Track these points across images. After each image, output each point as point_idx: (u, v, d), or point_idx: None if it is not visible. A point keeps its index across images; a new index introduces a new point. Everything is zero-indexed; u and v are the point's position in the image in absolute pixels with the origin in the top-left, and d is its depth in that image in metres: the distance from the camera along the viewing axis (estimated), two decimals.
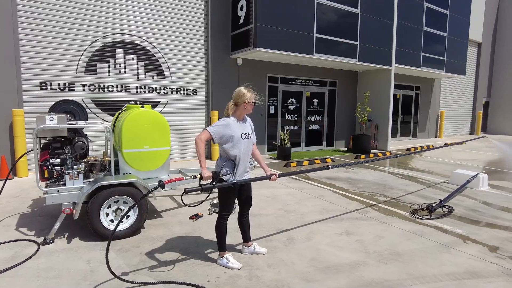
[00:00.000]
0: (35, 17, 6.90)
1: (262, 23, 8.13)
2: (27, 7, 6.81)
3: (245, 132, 3.28)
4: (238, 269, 3.30)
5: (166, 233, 4.21)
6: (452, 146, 13.76)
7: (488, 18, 18.47)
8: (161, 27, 8.34)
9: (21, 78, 6.80)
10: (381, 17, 10.76)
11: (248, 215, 3.63)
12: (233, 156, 3.19)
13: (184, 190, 2.99)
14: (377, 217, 4.97)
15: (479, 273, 3.36)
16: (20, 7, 6.75)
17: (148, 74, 8.27)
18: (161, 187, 2.82)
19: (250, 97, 3.23)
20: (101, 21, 7.55)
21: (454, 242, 4.12)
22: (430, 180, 7.52)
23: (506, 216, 5.15)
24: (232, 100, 3.27)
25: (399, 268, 3.42)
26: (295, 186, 6.70)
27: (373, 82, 11.88)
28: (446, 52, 13.49)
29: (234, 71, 9.41)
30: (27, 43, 6.86)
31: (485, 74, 19.07)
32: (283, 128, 10.62)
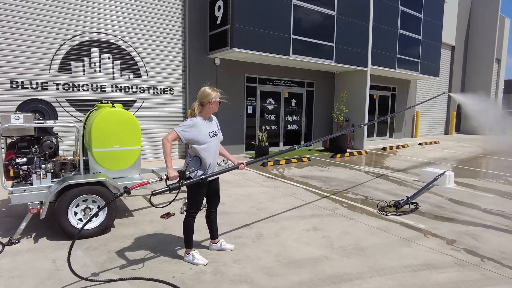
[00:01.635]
0: (6, 14, 6.76)
1: (238, 23, 8.22)
2: None
3: (212, 130, 3.36)
4: (204, 265, 3.38)
5: (136, 232, 4.24)
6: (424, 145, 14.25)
7: (460, 22, 19.15)
8: (138, 26, 8.30)
9: None
10: (357, 19, 11.03)
11: (216, 212, 3.71)
12: (202, 154, 3.27)
13: (152, 193, 3.05)
14: (345, 213, 5.14)
15: (435, 265, 3.54)
16: None
17: (124, 73, 8.22)
18: (127, 193, 2.87)
19: (215, 96, 3.31)
20: (76, 19, 7.45)
21: (416, 236, 4.31)
22: (401, 178, 7.78)
23: (467, 211, 5.40)
24: (197, 100, 3.34)
25: (361, 262, 3.57)
26: (270, 184, 6.81)
27: (350, 83, 12.16)
28: (421, 54, 13.93)
29: (212, 71, 9.46)
30: None
31: (458, 76, 19.77)
32: (261, 128, 10.73)
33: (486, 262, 3.64)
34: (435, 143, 15.15)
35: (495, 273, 3.40)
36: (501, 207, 5.68)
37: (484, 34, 19.59)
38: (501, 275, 3.35)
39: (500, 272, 3.41)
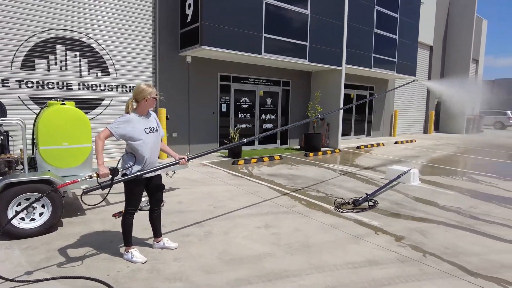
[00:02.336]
0: None
1: (208, 21, 8.17)
2: None
3: (149, 126, 3.33)
4: (142, 263, 3.35)
5: (84, 230, 4.18)
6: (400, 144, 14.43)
7: (438, 23, 19.47)
8: (106, 23, 8.19)
9: None
10: (332, 19, 11.09)
11: (159, 210, 3.68)
12: (137, 151, 3.23)
13: (83, 191, 3.00)
14: (302, 211, 5.16)
15: (377, 261, 3.58)
16: None
17: (92, 71, 8.10)
18: (54, 192, 2.82)
19: (150, 92, 3.27)
20: (40, 16, 7.30)
21: (367, 233, 4.35)
22: (368, 176, 7.86)
23: (425, 208, 5.48)
24: (132, 97, 3.30)
25: (304, 259, 3.58)
26: (235, 183, 6.80)
27: (325, 82, 12.23)
28: (397, 54, 14.10)
29: (184, 69, 9.40)
30: None
31: (437, 75, 20.09)
32: (236, 127, 10.71)
33: (427, 257, 3.70)
34: (411, 141, 15.37)
35: (433, 268, 3.46)
36: (458, 203, 5.79)
37: (461, 34, 19.95)
38: (438, 270, 3.41)
39: (438, 267, 3.47)
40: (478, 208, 5.55)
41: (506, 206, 5.69)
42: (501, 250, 3.95)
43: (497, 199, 6.16)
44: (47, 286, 2.93)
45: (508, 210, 5.47)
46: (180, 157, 3.57)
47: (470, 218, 5.08)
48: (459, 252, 3.85)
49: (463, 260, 3.66)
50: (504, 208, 5.58)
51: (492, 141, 17.16)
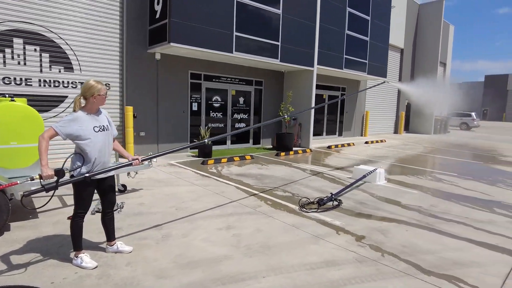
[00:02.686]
0: None
1: (177, 18, 7.99)
2: None
3: (99, 125, 3.17)
4: (92, 268, 3.19)
5: (33, 234, 3.95)
6: (370, 144, 14.75)
7: (409, 27, 20.07)
8: (69, 17, 7.82)
9: None
10: (304, 19, 11.15)
11: (112, 213, 3.53)
12: (86, 150, 3.07)
13: (23, 193, 2.82)
14: (266, 211, 5.12)
15: (335, 262, 3.58)
16: None
17: (53, 67, 7.72)
18: None
19: (99, 90, 3.12)
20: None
21: (328, 233, 4.36)
22: (336, 175, 7.94)
23: (388, 207, 5.58)
24: (80, 94, 3.14)
25: (262, 260, 3.53)
26: (202, 183, 6.68)
27: (297, 82, 12.29)
28: (368, 55, 14.38)
29: (153, 66, 9.15)
30: None
31: (407, 77, 20.70)
32: (207, 126, 10.57)
33: (385, 257, 3.74)
34: (381, 141, 15.75)
35: (390, 267, 3.49)
36: (420, 202, 5.93)
37: (430, 38, 20.69)
38: (394, 269, 3.45)
39: (394, 267, 3.51)
40: (438, 207, 5.71)
41: (464, 204, 5.89)
42: (455, 247, 4.07)
43: (457, 197, 6.37)
44: None
45: (465, 208, 5.67)
46: (133, 157, 3.43)
47: (430, 216, 5.21)
48: (416, 251, 3.92)
49: (419, 258, 3.74)
50: (462, 206, 5.78)
51: (457, 141, 17.87)
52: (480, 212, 5.53)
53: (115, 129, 3.42)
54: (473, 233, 4.55)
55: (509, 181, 8.00)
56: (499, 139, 19.84)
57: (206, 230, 4.27)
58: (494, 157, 12.21)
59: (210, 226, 4.41)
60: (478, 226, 4.84)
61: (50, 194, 2.92)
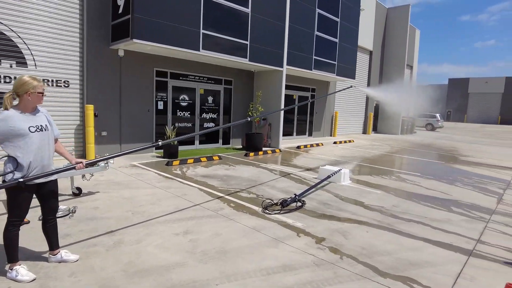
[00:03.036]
0: None
1: (140, 14, 7.68)
2: None
3: (36, 124, 2.91)
4: (29, 281, 2.93)
5: None
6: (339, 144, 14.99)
7: (377, 29, 20.61)
8: (23, 9, 7.31)
9: None
10: (273, 19, 11.11)
11: (55, 219, 3.28)
12: (18, 153, 2.81)
13: None
14: (228, 214, 4.99)
15: (292, 266, 3.50)
16: None
17: (4, 61, 7.20)
18: None
19: (35, 87, 2.87)
20: None
21: (288, 236, 4.29)
22: (302, 176, 7.94)
23: (350, 208, 5.60)
24: (11, 91, 2.88)
25: (217, 267, 3.40)
26: (164, 185, 6.45)
27: (267, 82, 12.25)
28: (337, 57, 14.59)
29: (115, 62, 8.77)
30: None
31: (376, 79, 21.27)
32: (174, 125, 10.29)
33: (344, 260, 3.71)
34: (349, 141, 16.05)
35: (347, 270, 3.46)
36: (382, 203, 6.01)
37: (397, 42, 21.37)
38: (351, 273, 3.42)
39: (352, 270, 3.48)
40: (399, 207, 5.81)
41: (424, 204, 6.03)
42: (411, 247, 4.12)
43: (418, 197, 6.52)
44: None
45: (425, 208, 5.80)
46: (76, 161, 3.19)
47: (390, 217, 5.27)
48: (373, 252, 3.93)
49: (376, 260, 3.74)
50: (422, 206, 5.91)
51: (422, 141, 18.53)
52: (439, 211, 5.68)
53: (56, 129, 3.17)
54: (430, 233, 4.64)
55: (466, 180, 8.32)
56: (460, 139, 20.79)
57: (161, 236, 4.08)
58: (455, 156, 12.73)
59: (167, 231, 4.22)
60: (435, 226, 4.95)
61: None
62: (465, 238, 4.52)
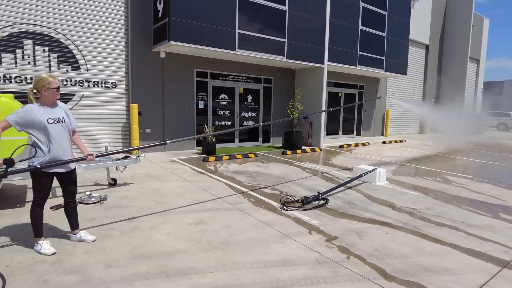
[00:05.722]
0: None
1: (176, 17, 8.12)
2: None
3: (54, 117, 3.28)
4: (49, 254, 3.32)
5: (12, 222, 4.18)
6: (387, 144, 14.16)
7: (435, 21, 19.01)
8: (76, 18, 8.22)
9: None
10: (312, 15, 10.91)
11: (74, 202, 3.65)
12: (40, 142, 3.21)
13: None
14: (245, 208, 5.06)
15: (292, 262, 3.46)
16: None
17: (62, 66, 8.15)
18: None
19: (49, 83, 3.23)
20: (5, 9, 7.35)
21: (299, 232, 4.23)
22: (335, 175, 7.71)
23: (377, 209, 5.32)
24: (32, 86, 3.27)
25: (216, 256, 3.49)
26: (193, 179, 6.74)
27: (308, 79, 12.06)
28: (386, 52, 13.81)
29: (158, 64, 9.38)
30: None
31: (433, 75, 19.66)
32: (213, 124, 10.66)
33: (350, 260, 3.56)
34: (400, 141, 15.07)
35: (349, 270, 3.32)
36: (415, 204, 5.60)
37: (459, 33, 19.47)
38: (353, 273, 3.27)
39: (355, 270, 3.33)
40: (433, 210, 5.37)
41: (466, 208, 5.49)
42: (432, 252, 3.79)
43: (460, 200, 5.95)
44: None
45: (465, 212, 5.27)
46: (88, 153, 3.52)
47: (420, 219, 4.90)
48: (386, 254, 3.71)
49: (386, 262, 3.52)
50: (462, 210, 5.38)
51: (487, 142, 16.70)
52: (481, 217, 5.12)
53: (74, 122, 3.53)
54: (462, 239, 4.22)
55: None
56: None
57: (174, 225, 4.30)
58: None
59: (181, 221, 4.44)
60: (471, 232, 4.48)
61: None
62: (504, 248, 4.01)
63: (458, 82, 19.70)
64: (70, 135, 3.47)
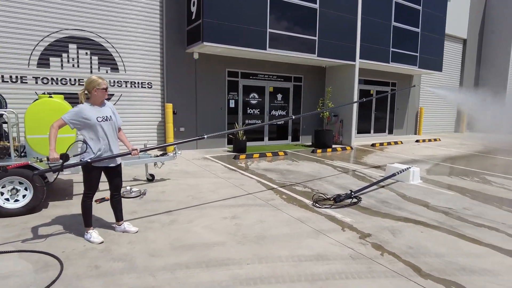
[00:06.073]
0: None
1: (209, 18, 8.36)
2: None
3: (103, 115, 3.54)
4: (98, 243, 3.60)
5: (63, 213, 4.54)
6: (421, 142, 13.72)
7: (474, 14, 18.12)
8: (115, 23, 8.66)
9: None
10: (343, 12, 10.80)
11: (119, 195, 3.91)
12: (91, 139, 3.48)
13: (34, 173, 3.30)
14: (277, 204, 5.17)
15: (326, 256, 3.52)
16: None
17: (102, 68, 8.62)
18: (4, 171, 3.11)
19: (99, 84, 3.49)
20: (53, 17, 7.91)
21: (332, 229, 4.28)
22: (367, 173, 7.63)
23: (411, 207, 5.25)
24: (83, 88, 3.55)
25: (252, 249, 3.63)
26: (226, 176, 6.93)
27: (339, 77, 11.96)
28: (419, 48, 13.39)
29: (191, 65, 9.68)
30: None
31: (471, 71, 18.76)
32: (244, 123, 10.84)
33: (384, 256, 3.58)
34: (434, 140, 14.55)
35: (384, 267, 3.34)
36: (451, 204, 5.47)
37: (500, 25, 18.40)
38: (388, 269, 3.30)
39: (390, 267, 3.35)
40: (471, 210, 5.22)
41: (507, 209, 5.27)
42: (470, 253, 3.72)
43: (501, 201, 5.73)
44: (7, 257, 3.26)
45: (506, 213, 5.07)
46: (132, 148, 3.76)
47: (456, 219, 4.79)
48: (421, 253, 3.68)
49: (421, 260, 3.51)
50: (503, 211, 5.18)
51: None
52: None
53: (120, 119, 3.79)
54: (503, 240, 4.08)
55: None
56: None
57: (210, 218, 4.49)
58: None
59: (216, 215, 4.62)
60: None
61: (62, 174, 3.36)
62: None
63: (499, 77, 18.62)
64: (117, 132, 3.73)
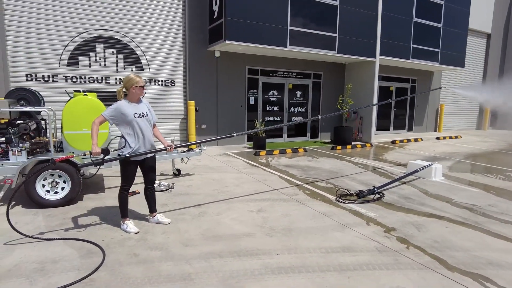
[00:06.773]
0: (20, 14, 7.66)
1: (231, 16, 8.51)
2: (13, 5, 7.58)
3: (139, 112, 3.74)
4: (134, 233, 3.81)
5: (98, 205, 4.79)
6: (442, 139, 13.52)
7: (499, 8, 17.61)
8: (140, 22, 8.93)
9: (8, 70, 7.63)
10: (364, 9, 10.75)
11: (153, 188, 4.11)
12: (128, 134, 3.68)
13: (77, 167, 3.53)
14: (301, 199, 5.29)
15: (352, 248, 3.63)
16: (7, 5, 7.53)
17: (127, 66, 8.91)
18: (53, 164, 3.34)
19: (137, 82, 3.69)
20: (82, 18, 8.23)
21: (357, 223, 4.38)
22: (389, 170, 7.64)
23: (434, 203, 5.28)
24: (122, 85, 3.75)
25: (280, 240, 3.77)
26: (248, 171, 7.09)
27: (359, 74, 11.91)
28: (441, 43, 13.16)
29: (212, 63, 9.86)
30: (13, 38, 7.64)
31: (495, 66, 18.27)
32: (263, 120, 10.97)
33: (410, 249, 3.66)
34: (455, 137, 14.31)
35: (410, 259, 3.42)
36: (475, 201, 5.46)
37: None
38: (414, 261, 3.38)
39: (416, 259, 3.43)
40: (496, 207, 5.20)
41: None
42: (497, 248, 3.75)
43: None
44: (54, 244, 3.51)
45: None
46: (167, 144, 3.95)
47: (481, 215, 4.80)
48: (447, 247, 3.74)
49: (447, 254, 3.57)
50: None
51: None
52: None
53: (155, 116, 3.98)
54: None
55: None
56: None
57: (238, 211, 4.65)
58: None
59: (243, 208, 4.78)
60: None
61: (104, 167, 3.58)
62: None
63: None
64: (152, 128, 3.92)
